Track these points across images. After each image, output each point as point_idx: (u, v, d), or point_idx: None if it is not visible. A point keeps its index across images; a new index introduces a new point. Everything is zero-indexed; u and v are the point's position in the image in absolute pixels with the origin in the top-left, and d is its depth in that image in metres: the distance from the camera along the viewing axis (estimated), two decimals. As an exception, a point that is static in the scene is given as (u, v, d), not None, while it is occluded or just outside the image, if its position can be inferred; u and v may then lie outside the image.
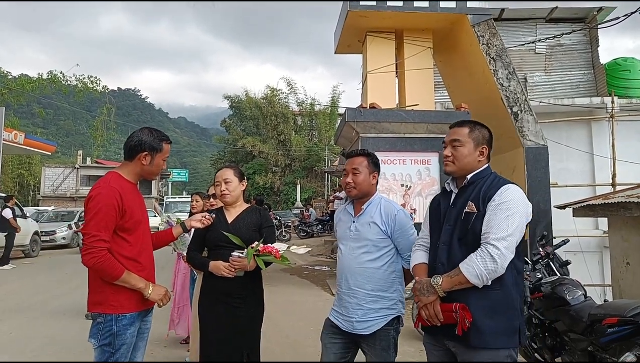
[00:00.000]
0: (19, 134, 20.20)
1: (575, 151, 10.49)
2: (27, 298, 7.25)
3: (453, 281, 1.87)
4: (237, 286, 2.54)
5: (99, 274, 2.14)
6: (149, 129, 2.39)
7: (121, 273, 2.13)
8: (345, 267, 2.40)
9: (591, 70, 12.23)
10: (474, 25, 8.52)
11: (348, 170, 2.44)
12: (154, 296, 2.24)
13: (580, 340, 2.95)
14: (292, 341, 4.94)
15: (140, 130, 2.39)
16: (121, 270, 2.14)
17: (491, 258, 1.79)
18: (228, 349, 2.52)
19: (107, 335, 2.15)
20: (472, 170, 2.03)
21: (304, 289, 8.22)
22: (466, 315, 1.82)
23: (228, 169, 2.77)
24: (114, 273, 2.12)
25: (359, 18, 8.75)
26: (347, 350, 2.40)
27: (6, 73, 20.59)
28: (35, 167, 35.59)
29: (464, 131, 2.06)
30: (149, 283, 2.24)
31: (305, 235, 19.95)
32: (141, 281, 2.21)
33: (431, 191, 7.99)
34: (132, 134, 2.38)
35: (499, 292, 1.86)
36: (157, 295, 2.26)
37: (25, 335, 5.18)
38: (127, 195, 2.23)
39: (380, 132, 7.98)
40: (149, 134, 2.34)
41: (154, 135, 2.35)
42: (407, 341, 4.85)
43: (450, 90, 10.68)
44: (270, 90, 34.01)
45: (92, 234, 2.11)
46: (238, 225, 2.65)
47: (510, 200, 1.87)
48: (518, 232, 1.84)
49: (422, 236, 2.22)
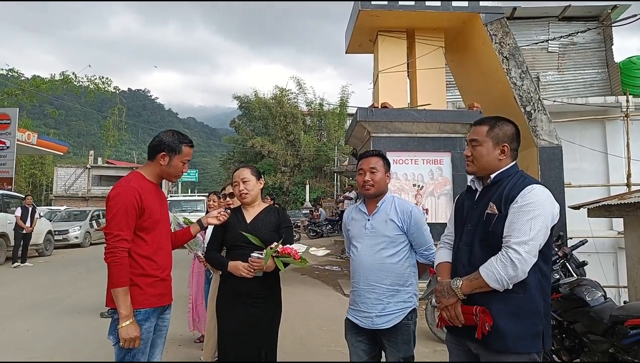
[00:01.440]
0: (32, 134, 20.53)
1: (589, 151, 10.36)
2: (43, 296, 7.34)
3: (472, 285, 1.85)
4: (257, 286, 2.54)
5: (108, 272, 2.15)
6: (172, 131, 2.42)
7: (122, 285, 2.11)
8: (363, 264, 2.43)
9: (605, 69, 12.08)
10: (487, 24, 8.46)
11: (365, 169, 2.48)
12: (123, 332, 2.10)
13: (601, 342, 2.90)
14: (305, 341, 4.93)
15: (164, 131, 2.42)
16: (124, 283, 2.12)
17: (512, 263, 1.75)
18: (247, 349, 2.52)
19: None
20: (495, 169, 1.98)
21: (315, 289, 8.22)
22: (486, 318, 1.79)
23: (246, 168, 2.77)
24: (118, 280, 2.11)
25: (370, 17, 8.73)
26: (373, 348, 2.45)
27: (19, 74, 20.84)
28: (47, 167, 36.00)
29: (483, 130, 2.02)
30: (130, 317, 2.12)
31: (315, 235, 19.94)
32: (127, 309, 2.11)
33: (443, 191, 7.95)
34: (156, 135, 2.41)
35: (522, 295, 1.82)
36: (127, 333, 2.10)
37: (41, 333, 5.24)
38: (146, 195, 2.25)
39: (392, 132, 7.96)
40: (169, 136, 2.37)
41: (174, 136, 2.37)
42: (422, 342, 4.83)
43: (462, 90, 10.61)
44: (280, 91, 34.11)
45: (114, 234, 2.14)
46: (257, 225, 2.65)
47: (533, 201, 1.81)
48: (541, 235, 1.79)
49: (447, 234, 2.21)
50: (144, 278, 2.22)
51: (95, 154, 38.78)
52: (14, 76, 20.85)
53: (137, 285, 2.19)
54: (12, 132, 16.17)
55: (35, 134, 21.35)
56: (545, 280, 1.89)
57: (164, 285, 2.35)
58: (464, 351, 2.00)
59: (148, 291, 2.23)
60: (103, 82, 20.39)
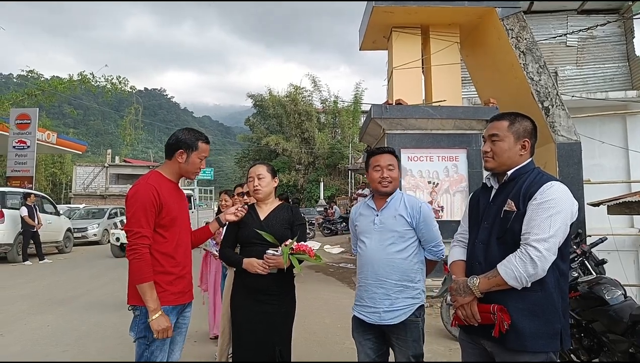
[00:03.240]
0: (52, 133, 20.91)
1: (609, 147, 10.14)
2: (63, 293, 7.49)
3: (490, 283, 1.83)
4: (271, 283, 2.55)
5: (130, 269, 2.18)
6: (188, 129, 2.46)
7: (146, 280, 2.15)
8: (371, 259, 2.43)
9: (626, 63, 11.79)
10: (503, 19, 8.33)
11: (383, 166, 2.48)
12: (155, 324, 2.14)
13: (621, 342, 2.84)
14: (319, 338, 4.94)
15: (180, 130, 2.45)
16: (148, 278, 2.15)
17: (531, 260, 1.72)
18: (261, 346, 2.53)
19: (142, 328, 2.19)
20: (514, 165, 1.95)
21: (330, 286, 8.23)
22: (504, 317, 1.77)
23: (261, 165, 2.79)
24: (142, 276, 2.15)
25: (384, 14, 8.67)
26: (381, 346, 2.44)
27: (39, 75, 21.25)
28: (67, 166, 36.66)
29: (504, 125, 1.98)
30: (158, 310, 2.16)
31: (330, 232, 19.94)
32: (154, 303, 2.15)
33: (459, 188, 7.87)
34: (172, 133, 2.44)
35: (540, 294, 1.79)
36: (158, 325, 2.15)
37: (61, 329, 5.34)
38: (164, 192, 2.28)
39: (407, 129, 7.90)
40: (186, 133, 2.40)
41: (190, 133, 2.41)
42: (437, 339, 4.80)
43: (478, 86, 10.48)
44: (294, 88, 34.14)
45: (135, 231, 2.17)
46: (270, 222, 2.66)
47: (553, 198, 1.78)
48: (561, 232, 1.76)
49: (461, 231, 2.18)
50: (163, 276, 2.25)
51: (112, 152, 39.40)
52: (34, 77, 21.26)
53: (157, 283, 2.21)
54: (32, 131, 16.50)
55: (54, 133, 21.73)
56: (563, 279, 1.86)
57: (184, 283, 2.37)
58: (479, 350, 1.98)
59: (168, 289, 2.26)
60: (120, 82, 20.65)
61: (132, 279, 2.19)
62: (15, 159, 16.21)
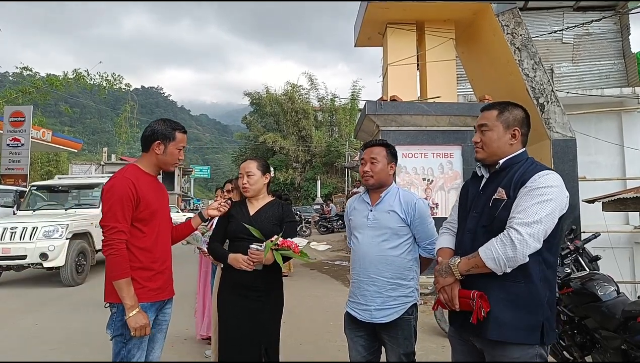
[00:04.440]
0: (47, 131, 20.78)
1: (605, 144, 10.12)
2: (51, 291, 7.41)
3: (470, 263, 1.79)
4: (257, 279, 2.50)
5: (107, 265, 2.13)
6: (163, 120, 2.39)
7: (123, 277, 2.09)
8: (364, 255, 2.38)
9: (622, 60, 11.78)
10: (498, 15, 8.28)
11: (366, 159, 2.44)
12: (132, 321, 2.08)
13: (613, 338, 2.80)
14: (312, 336, 4.90)
15: (155, 121, 2.39)
16: (125, 274, 2.10)
17: (511, 243, 1.67)
18: (246, 343, 2.48)
19: (119, 325, 2.14)
20: (504, 155, 1.90)
21: (324, 284, 8.18)
22: (483, 303, 1.73)
23: (252, 161, 2.76)
24: (119, 272, 2.09)
25: (379, 10, 8.61)
26: (373, 343, 2.39)
27: (35, 73, 21.12)
28: (62, 164, 36.51)
29: (493, 114, 1.93)
30: (136, 307, 2.10)
31: (326, 230, 19.91)
32: (132, 299, 2.09)
33: (454, 185, 7.82)
34: (147, 125, 2.38)
35: (523, 285, 1.74)
36: (135, 322, 2.08)
37: (50, 327, 5.27)
38: (142, 186, 2.22)
39: (401, 125, 7.85)
40: (162, 123, 2.34)
41: (166, 124, 2.34)
42: (430, 337, 4.76)
43: (473, 82, 10.44)
44: (291, 87, 34.06)
45: (111, 226, 2.12)
46: (259, 217, 2.62)
47: (544, 186, 1.72)
48: (548, 221, 1.70)
49: (450, 220, 2.14)
50: (142, 272, 2.19)
51: (109, 150, 39.28)
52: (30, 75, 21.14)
53: (135, 279, 2.15)
54: (26, 129, 16.37)
55: (50, 131, 21.59)
56: (551, 271, 1.81)
57: (164, 279, 2.31)
58: (468, 347, 1.93)
59: (146, 285, 2.20)
60: (115, 79, 20.55)
61: (108, 276, 2.13)
62: (9, 157, 16.08)
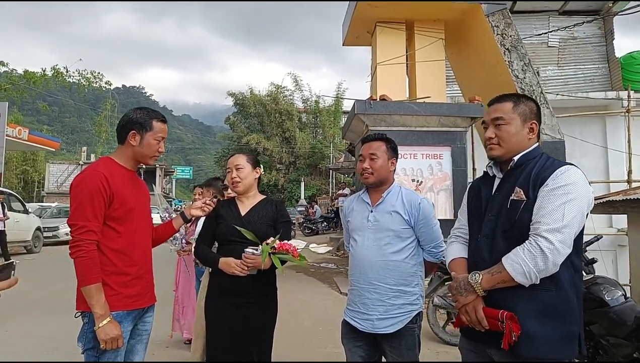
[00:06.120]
0: (23, 130, 20.10)
1: (590, 146, 10.19)
2: (25, 296, 7.02)
3: (494, 279, 1.58)
4: (250, 286, 2.29)
5: (76, 269, 1.88)
6: (140, 108, 2.15)
7: (93, 282, 1.85)
8: (364, 259, 2.19)
9: (606, 64, 11.90)
10: (488, 15, 8.24)
11: (365, 156, 2.25)
12: (101, 332, 1.84)
13: (623, 346, 2.68)
14: (301, 340, 4.69)
15: (132, 109, 2.15)
16: (95, 279, 1.85)
17: (542, 253, 1.49)
18: (238, 354, 2.27)
19: (91, 337, 1.89)
20: (521, 150, 1.73)
21: (311, 287, 7.98)
22: (514, 326, 1.52)
23: (241, 155, 2.55)
24: (89, 276, 1.85)
25: (368, 8, 8.48)
26: (373, 354, 2.21)
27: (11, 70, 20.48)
28: (39, 163, 35.56)
29: (507, 106, 1.75)
30: (106, 316, 1.86)
31: (310, 232, 19.72)
32: (102, 308, 1.85)
33: (443, 186, 7.72)
34: (123, 115, 2.15)
35: (554, 293, 1.57)
36: (105, 333, 1.85)
37: (23, 333, 4.97)
38: (116, 181, 1.98)
39: (391, 125, 7.71)
40: (138, 112, 2.11)
41: (143, 112, 2.10)
42: (424, 343, 4.56)
43: (462, 84, 10.38)
44: (275, 88, 33.85)
45: (79, 225, 1.87)
46: (252, 218, 2.39)
47: (567, 184, 1.56)
48: (576, 222, 1.55)
49: (459, 226, 1.93)
50: (116, 277, 1.95)
51: (88, 150, 38.33)
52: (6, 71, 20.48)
53: (108, 285, 1.91)
54: (1, 126, 15.78)
55: (26, 129, 20.89)
56: (578, 276, 1.64)
57: (142, 284, 2.07)
58: (483, 359, 1.74)
59: (121, 291, 1.96)
60: (95, 77, 20.03)
61: (78, 279, 1.88)
62: (-19, 155, 15.46)
